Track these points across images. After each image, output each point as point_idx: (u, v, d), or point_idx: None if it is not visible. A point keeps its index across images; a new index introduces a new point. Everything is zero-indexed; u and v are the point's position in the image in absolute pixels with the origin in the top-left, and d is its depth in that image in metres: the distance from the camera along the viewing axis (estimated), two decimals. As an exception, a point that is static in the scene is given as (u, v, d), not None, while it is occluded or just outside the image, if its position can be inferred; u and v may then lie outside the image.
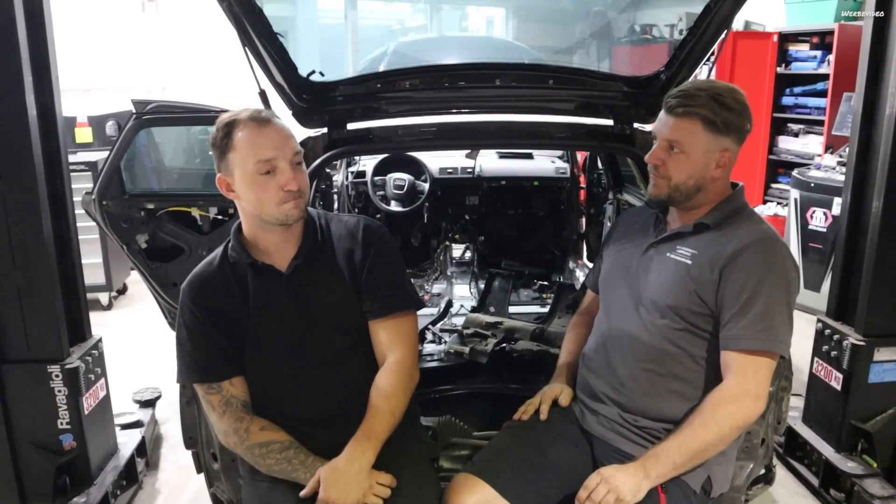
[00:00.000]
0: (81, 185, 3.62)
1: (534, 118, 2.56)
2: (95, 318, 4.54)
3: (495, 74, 2.35)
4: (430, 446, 1.96)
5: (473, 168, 4.09)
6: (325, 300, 1.79)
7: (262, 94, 2.24)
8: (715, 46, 2.23)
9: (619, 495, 1.60)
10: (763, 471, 2.19)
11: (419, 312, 1.95)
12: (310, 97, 2.37)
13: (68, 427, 2.60)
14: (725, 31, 2.17)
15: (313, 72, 2.30)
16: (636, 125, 2.50)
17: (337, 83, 2.39)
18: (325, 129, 2.47)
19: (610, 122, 2.49)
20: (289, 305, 1.77)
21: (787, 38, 5.96)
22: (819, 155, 5.43)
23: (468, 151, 3.69)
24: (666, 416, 1.77)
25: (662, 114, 1.79)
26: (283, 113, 2.22)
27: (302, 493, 1.65)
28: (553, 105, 2.51)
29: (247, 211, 1.73)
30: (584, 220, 4.29)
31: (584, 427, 1.91)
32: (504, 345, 2.73)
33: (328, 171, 3.90)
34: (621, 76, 2.45)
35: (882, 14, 2.63)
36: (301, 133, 2.53)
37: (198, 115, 3.06)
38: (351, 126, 2.46)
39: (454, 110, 2.48)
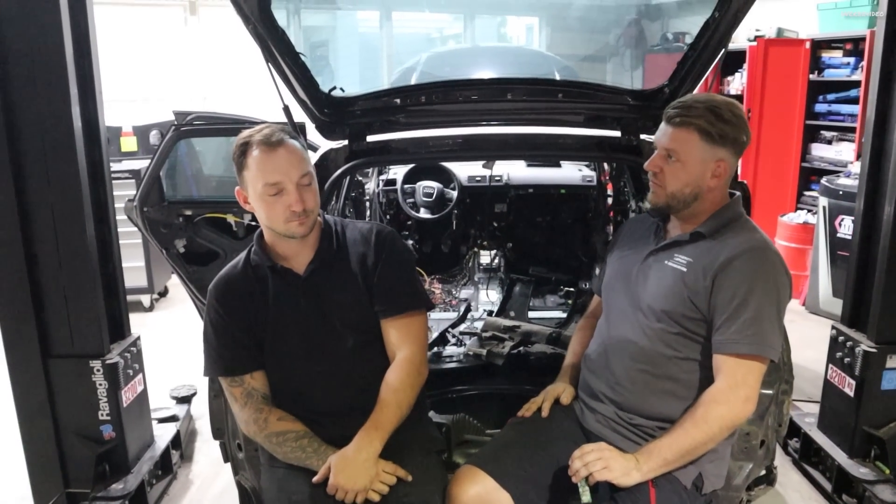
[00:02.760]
0: (126, 192, 3.79)
1: (545, 130, 2.65)
2: (137, 319, 4.78)
3: (507, 89, 2.45)
4: (436, 439, 2.06)
5: (501, 176, 4.17)
6: (339, 301, 1.92)
7: (286, 110, 2.38)
8: (716, 62, 2.29)
9: (608, 465, 1.71)
10: (764, 472, 2.23)
11: (441, 316, 2.06)
12: (331, 111, 2.51)
13: (108, 418, 2.77)
14: (723, 50, 2.24)
15: (334, 88, 2.44)
16: (643, 136, 2.58)
17: (356, 98, 2.52)
18: (346, 142, 2.61)
19: (617, 134, 2.57)
20: (305, 306, 1.90)
21: (819, 45, 5.92)
22: (851, 162, 5.40)
23: (485, 162, 3.78)
24: (659, 415, 1.85)
25: (662, 124, 1.88)
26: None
27: (314, 479, 1.78)
28: (563, 117, 2.61)
29: (262, 222, 1.87)
30: (611, 227, 4.34)
31: (583, 425, 2.00)
32: (520, 348, 2.82)
33: (360, 178, 4.04)
34: (627, 90, 2.53)
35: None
36: (325, 145, 2.69)
37: (233, 127, 3.21)
38: (370, 138, 2.59)
39: (468, 123, 2.59)
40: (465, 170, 4.16)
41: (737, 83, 6.46)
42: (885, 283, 2.74)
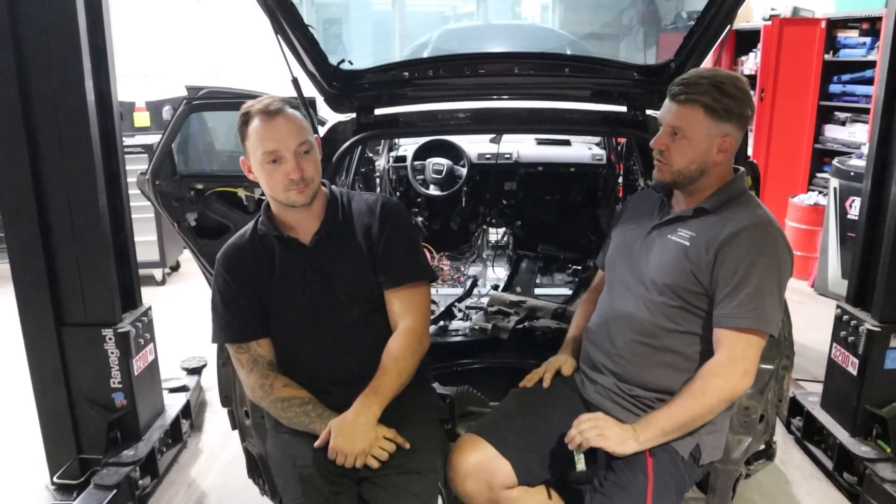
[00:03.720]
0: (139, 167, 3.83)
1: (552, 105, 2.66)
2: (150, 292, 4.81)
3: (513, 63, 2.46)
4: (439, 408, 2.10)
5: (511, 154, 4.18)
6: (343, 271, 1.95)
7: (295, 82, 2.41)
8: (722, 36, 2.29)
9: (603, 434, 1.74)
10: (763, 446, 2.25)
11: (449, 292, 2.08)
12: (339, 84, 2.53)
13: (119, 386, 2.83)
14: (729, 25, 2.24)
15: (343, 61, 2.45)
16: (649, 111, 2.58)
17: (364, 71, 2.54)
18: (354, 115, 2.63)
19: (623, 109, 2.58)
20: (311, 275, 1.93)
21: (835, 25, 5.85)
22: (864, 144, 5.35)
23: (492, 136, 3.78)
24: (658, 387, 1.88)
25: (667, 101, 1.88)
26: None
27: (316, 444, 1.82)
28: (569, 92, 2.61)
29: (265, 191, 1.90)
30: (620, 206, 4.33)
31: (583, 396, 2.03)
32: (525, 322, 2.85)
33: (370, 155, 4.06)
34: (633, 65, 2.54)
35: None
36: (334, 118, 2.71)
37: (243, 101, 3.23)
38: (378, 111, 2.61)
39: (475, 97, 2.61)
40: (475, 147, 4.16)
41: (751, 63, 6.40)
42: (890, 263, 2.74)
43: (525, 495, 1.92)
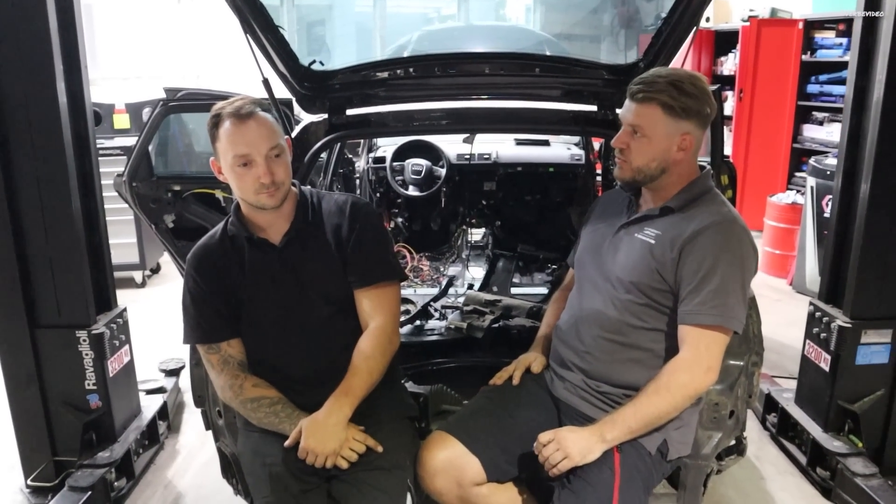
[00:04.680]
0: (118, 169, 3.81)
1: (524, 104, 2.68)
2: (129, 294, 4.81)
3: (484, 63, 2.48)
4: (409, 406, 2.12)
5: (490, 154, 4.19)
6: (313, 271, 1.95)
7: (266, 83, 2.41)
8: (689, 36, 2.31)
9: (567, 453, 1.75)
10: (734, 442, 2.28)
11: (427, 292, 2.08)
12: (311, 85, 2.53)
13: (94, 388, 2.81)
14: (696, 27, 2.26)
15: (314, 61, 2.46)
16: (619, 111, 2.60)
17: (336, 72, 2.54)
18: (326, 115, 2.63)
19: (594, 108, 2.60)
20: (281, 275, 1.94)
21: (812, 26, 5.92)
22: (841, 143, 5.40)
23: (465, 136, 3.79)
24: (626, 383, 1.89)
25: (627, 100, 1.90)
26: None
27: (286, 444, 1.83)
28: (540, 92, 2.63)
29: (235, 193, 1.90)
30: None
31: (552, 392, 2.05)
32: (500, 321, 2.86)
33: (350, 156, 4.06)
34: (603, 64, 2.56)
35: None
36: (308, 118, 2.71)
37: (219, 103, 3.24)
38: (350, 112, 2.62)
39: (447, 97, 2.62)
40: (454, 148, 4.16)
41: (730, 63, 6.47)
42: (860, 260, 2.76)
43: (494, 492, 1.94)
